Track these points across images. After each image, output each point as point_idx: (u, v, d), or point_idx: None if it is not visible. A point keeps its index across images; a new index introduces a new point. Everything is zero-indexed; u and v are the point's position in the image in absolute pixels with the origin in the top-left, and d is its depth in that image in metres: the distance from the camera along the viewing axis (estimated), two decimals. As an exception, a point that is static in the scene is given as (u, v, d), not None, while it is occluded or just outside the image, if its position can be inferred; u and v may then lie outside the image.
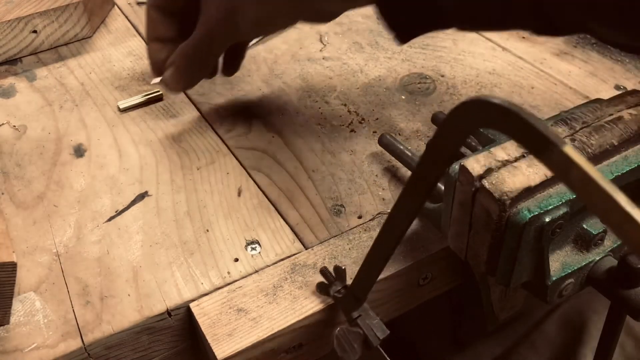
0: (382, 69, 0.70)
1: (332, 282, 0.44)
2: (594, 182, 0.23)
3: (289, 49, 0.74)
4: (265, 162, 0.58)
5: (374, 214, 0.52)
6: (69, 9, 0.72)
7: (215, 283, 0.46)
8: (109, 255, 0.49)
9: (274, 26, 0.57)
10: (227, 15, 0.53)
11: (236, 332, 0.43)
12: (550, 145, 0.23)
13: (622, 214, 0.22)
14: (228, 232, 0.51)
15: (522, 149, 0.41)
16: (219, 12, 0.53)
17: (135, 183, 0.55)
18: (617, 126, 0.42)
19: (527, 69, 0.69)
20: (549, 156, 0.24)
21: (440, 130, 0.29)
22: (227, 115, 0.64)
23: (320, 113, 0.64)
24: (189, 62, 0.57)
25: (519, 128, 0.24)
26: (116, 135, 0.61)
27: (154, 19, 0.59)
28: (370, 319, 0.42)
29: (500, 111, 0.25)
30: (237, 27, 0.54)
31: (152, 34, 0.60)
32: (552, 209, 0.39)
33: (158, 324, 0.45)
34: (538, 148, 0.24)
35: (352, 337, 0.42)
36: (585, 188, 0.23)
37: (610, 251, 0.44)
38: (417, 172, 0.32)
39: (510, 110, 0.25)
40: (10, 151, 0.59)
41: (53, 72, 0.71)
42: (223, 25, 0.54)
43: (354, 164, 0.57)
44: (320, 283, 0.45)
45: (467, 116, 0.27)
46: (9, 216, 0.52)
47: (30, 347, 0.42)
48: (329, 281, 0.44)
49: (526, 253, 0.40)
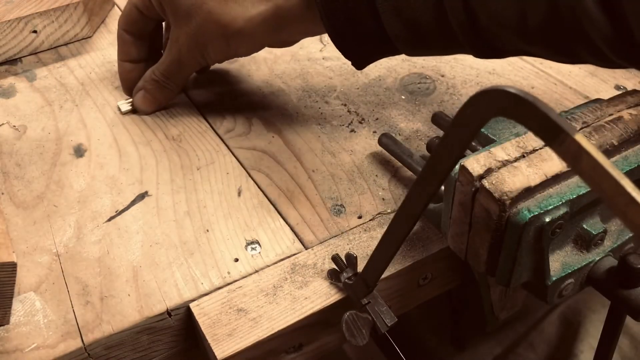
0: (382, 69, 0.70)
1: (343, 269, 0.45)
2: (602, 169, 0.24)
3: (289, 49, 0.74)
4: (265, 162, 0.58)
5: (374, 214, 0.52)
6: (69, 9, 0.72)
7: (215, 283, 0.46)
8: (109, 255, 0.49)
9: (240, 55, 0.60)
10: (196, 45, 0.57)
11: (236, 332, 0.43)
12: (562, 133, 0.25)
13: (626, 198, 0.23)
14: (228, 232, 0.51)
15: (522, 149, 0.41)
16: (189, 41, 0.57)
17: (135, 183, 0.55)
18: (617, 126, 0.42)
19: (527, 69, 0.69)
20: (560, 144, 0.25)
21: (457, 119, 0.30)
22: (227, 115, 0.64)
23: (320, 113, 0.64)
24: (158, 86, 0.61)
25: (532, 117, 0.26)
26: (116, 135, 0.61)
27: (125, 41, 0.63)
28: (380, 306, 0.43)
29: (516, 100, 0.26)
30: (205, 56, 0.58)
31: (123, 55, 0.64)
32: (552, 209, 0.39)
33: (158, 324, 0.45)
34: (551, 136, 0.25)
35: (361, 323, 0.43)
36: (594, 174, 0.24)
37: (610, 251, 0.44)
38: (432, 160, 0.33)
39: (525, 99, 0.26)
40: (10, 151, 0.59)
41: (53, 72, 0.71)
42: (192, 53, 0.57)
43: (354, 164, 0.57)
44: (331, 270, 0.46)
45: (483, 105, 0.28)
46: (9, 216, 0.52)
47: (30, 347, 0.42)
48: (340, 268, 0.45)
49: (526, 253, 0.40)
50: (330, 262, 0.47)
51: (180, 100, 0.66)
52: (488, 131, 0.47)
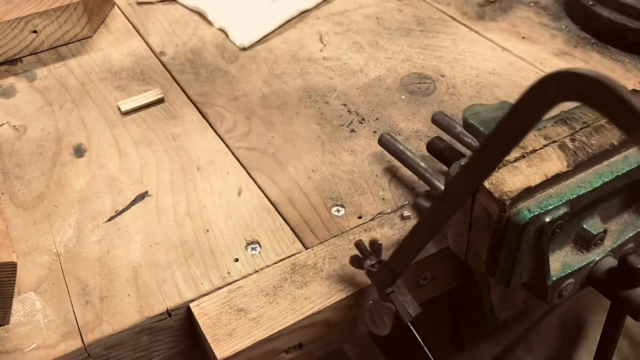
0: (382, 69, 0.70)
1: (367, 256, 0.43)
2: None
3: (289, 49, 0.74)
4: (265, 162, 0.58)
5: (374, 214, 0.52)
6: (69, 9, 0.72)
7: (216, 283, 0.46)
8: (109, 255, 0.49)
9: None
10: None
11: (236, 332, 0.43)
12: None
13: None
14: (228, 232, 0.51)
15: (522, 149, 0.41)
16: None
17: (135, 183, 0.55)
18: (617, 126, 0.42)
19: (527, 69, 0.69)
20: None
21: (519, 103, 0.27)
22: (227, 115, 0.64)
23: (320, 113, 0.64)
24: None
25: (610, 102, 0.23)
26: (116, 135, 0.61)
27: None
28: (403, 295, 0.42)
29: (590, 83, 0.24)
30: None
31: None
32: (552, 209, 0.39)
33: (158, 324, 0.45)
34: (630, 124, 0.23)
35: (384, 312, 0.41)
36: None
37: (610, 251, 0.44)
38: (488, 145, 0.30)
39: (602, 82, 0.23)
40: (10, 151, 0.59)
41: (53, 72, 0.71)
42: None
43: (354, 164, 0.57)
44: (354, 256, 0.44)
45: (549, 89, 0.26)
46: (9, 216, 0.52)
47: (30, 347, 0.42)
48: (363, 255, 0.44)
49: (526, 253, 0.40)
50: (331, 262, 0.47)
51: (180, 100, 0.66)
52: (488, 131, 0.47)
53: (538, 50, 0.72)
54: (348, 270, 0.47)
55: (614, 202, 0.44)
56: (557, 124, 0.43)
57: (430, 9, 0.81)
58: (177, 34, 0.77)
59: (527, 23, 0.78)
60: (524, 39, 0.75)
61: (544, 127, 0.43)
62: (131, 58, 0.73)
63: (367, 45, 0.74)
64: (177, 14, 0.82)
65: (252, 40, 0.75)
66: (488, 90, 0.66)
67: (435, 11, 0.80)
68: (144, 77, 0.69)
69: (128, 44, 0.76)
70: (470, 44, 0.74)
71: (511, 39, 0.75)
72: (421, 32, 0.76)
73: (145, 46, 0.75)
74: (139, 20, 0.80)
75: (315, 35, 0.77)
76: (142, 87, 0.68)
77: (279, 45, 0.75)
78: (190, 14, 0.82)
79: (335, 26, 0.78)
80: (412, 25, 0.78)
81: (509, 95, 0.65)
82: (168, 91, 0.67)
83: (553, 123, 0.44)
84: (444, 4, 0.82)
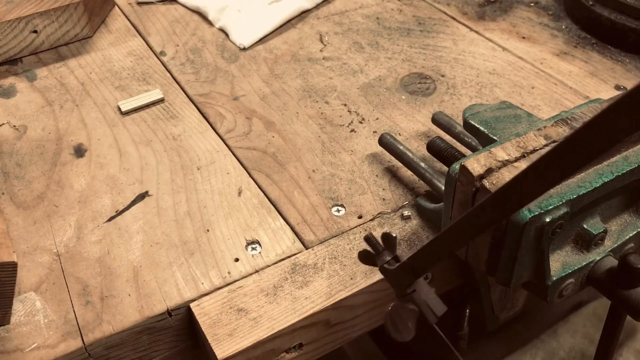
0: (382, 69, 0.70)
1: (379, 251, 0.39)
2: None
3: (289, 49, 0.74)
4: (265, 162, 0.58)
5: (374, 214, 0.52)
6: (69, 9, 0.72)
7: (216, 283, 0.46)
8: (109, 255, 0.49)
9: None
10: None
11: (236, 332, 0.43)
12: None
13: None
14: (228, 232, 0.51)
15: (522, 149, 0.41)
16: None
17: (135, 183, 0.55)
18: (618, 126, 0.42)
19: (527, 69, 0.69)
20: None
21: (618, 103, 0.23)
22: (227, 115, 0.64)
23: (320, 113, 0.64)
24: None
25: None
26: (116, 135, 0.61)
27: None
28: (426, 293, 0.37)
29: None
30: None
31: None
32: (552, 209, 0.39)
33: (158, 323, 0.45)
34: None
35: (407, 316, 0.37)
36: None
37: (611, 251, 0.44)
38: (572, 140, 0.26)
39: None
40: (10, 151, 0.59)
41: (53, 72, 0.71)
42: None
43: (354, 164, 0.57)
44: (364, 252, 0.40)
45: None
46: (9, 216, 0.52)
47: (30, 347, 0.42)
48: (376, 251, 0.39)
49: (526, 253, 0.40)
50: (332, 261, 0.47)
51: (180, 100, 0.66)
52: (488, 131, 0.47)
53: (538, 50, 0.73)
54: (348, 270, 0.47)
55: (614, 202, 0.44)
56: (558, 124, 0.43)
57: (430, 9, 0.81)
58: (177, 34, 0.77)
59: (527, 23, 0.78)
60: (524, 39, 0.75)
61: (544, 127, 0.43)
62: (131, 58, 0.73)
63: (367, 45, 0.74)
64: (177, 14, 0.82)
65: (252, 40, 0.75)
66: (488, 90, 0.66)
67: (435, 11, 0.80)
68: (144, 77, 0.70)
69: (128, 44, 0.76)
70: (471, 44, 0.74)
71: (511, 39, 0.75)
72: (421, 32, 0.76)
73: (145, 46, 0.75)
74: (139, 20, 0.80)
75: (316, 35, 0.77)
76: (142, 87, 0.68)
77: (279, 45, 0.75)
78: (190, 14, 0.82)
79: (336, 26, 0.78)
80: (412, 25, 0.78)
81: (509, 95, 0.65)
82: (168, 91, 0.67)
83: (553, 123, 0.44)
84: (444, 4, 0.82)
